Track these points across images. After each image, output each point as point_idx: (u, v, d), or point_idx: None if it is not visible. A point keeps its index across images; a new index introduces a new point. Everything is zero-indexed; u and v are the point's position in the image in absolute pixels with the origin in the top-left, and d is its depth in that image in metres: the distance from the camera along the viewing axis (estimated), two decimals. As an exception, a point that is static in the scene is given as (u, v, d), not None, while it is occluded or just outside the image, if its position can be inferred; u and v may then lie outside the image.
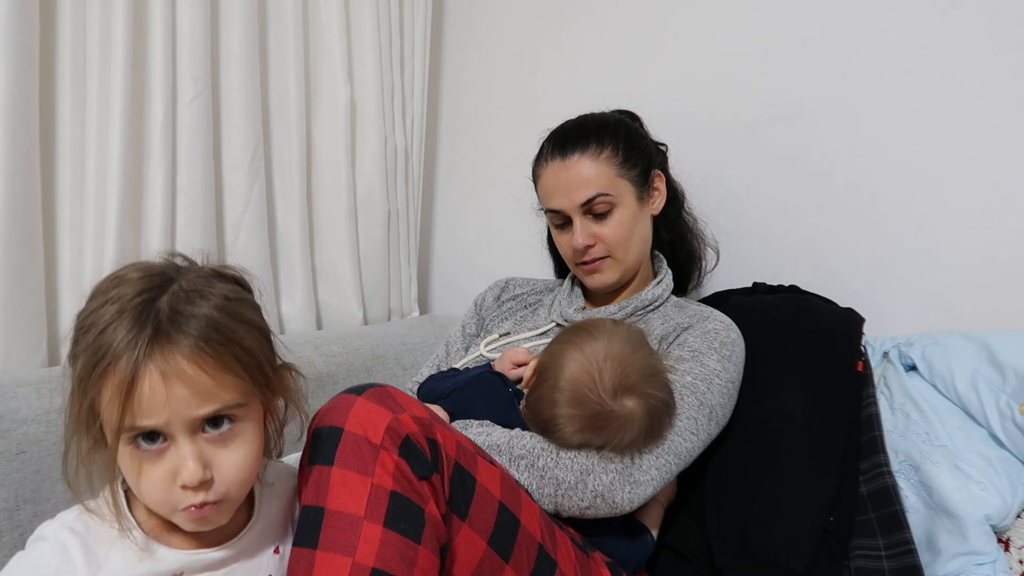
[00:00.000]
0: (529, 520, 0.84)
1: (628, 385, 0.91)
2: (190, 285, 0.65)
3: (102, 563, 0.65)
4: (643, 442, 0.93)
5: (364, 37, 1.66)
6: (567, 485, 0.89)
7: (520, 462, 0.90)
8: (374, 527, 0.69)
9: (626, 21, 1.61)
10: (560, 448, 0.91)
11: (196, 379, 0.61)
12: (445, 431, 0.78)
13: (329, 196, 1.64)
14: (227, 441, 0.65)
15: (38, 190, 1.16)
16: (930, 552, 1.04)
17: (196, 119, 1.34)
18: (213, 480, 0.64)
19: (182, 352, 0.61)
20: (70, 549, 0.65)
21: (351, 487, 0.70)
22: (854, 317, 1.20)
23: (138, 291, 0.63)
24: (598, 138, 1.14)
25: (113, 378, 0.60)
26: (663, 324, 1.14)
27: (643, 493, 0.92)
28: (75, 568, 0.64)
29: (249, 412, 0.66)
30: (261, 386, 0.66)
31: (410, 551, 0.69)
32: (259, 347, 0.66)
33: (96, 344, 0.61)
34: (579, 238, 1.13)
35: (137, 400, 0.60)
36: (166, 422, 0.61)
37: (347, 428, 0.72)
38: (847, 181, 1.35)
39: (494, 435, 0.93)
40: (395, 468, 0.71)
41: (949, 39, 1.25)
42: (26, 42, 1.11)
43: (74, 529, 0.66)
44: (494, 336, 1.24)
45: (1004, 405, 1.06)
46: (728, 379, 1.05)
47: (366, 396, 0.75)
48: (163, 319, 0.62)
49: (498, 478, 0.83)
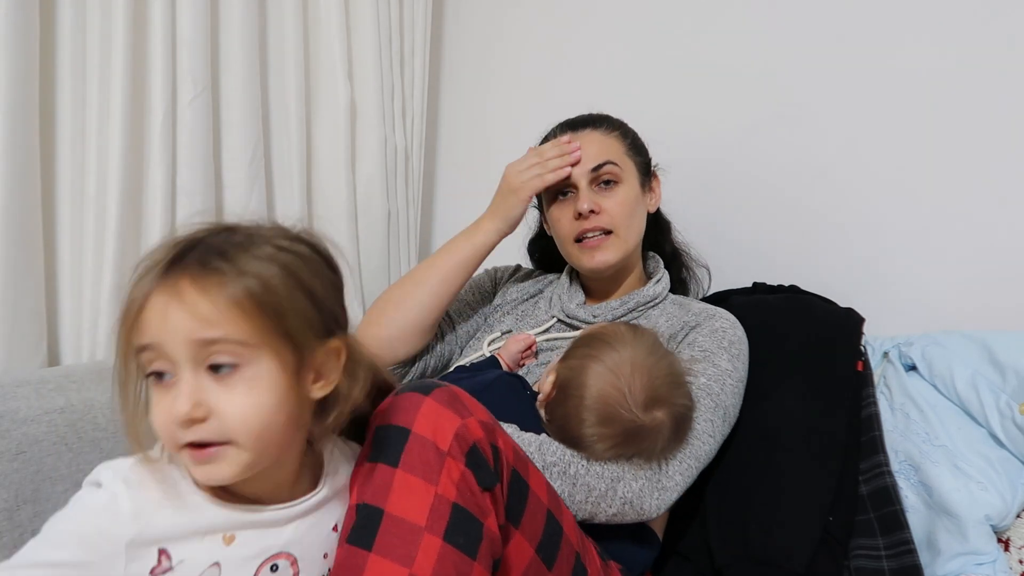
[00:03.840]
0: (569, 527, 0.83)
1: (658, 397, 0.90)
2: (244, 232, 0.65)
3: (152, 515, 0.63)
4: (670, 449, 0.93)
5: (364, 37, 1.65)
6: (598, 492, 0.89)
7: (552, 469, 0.89)
8: (434, 540, 0.67)
9: (626, 21, 1.62)
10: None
11: (196, 303, 0.60)
12: (504, 436, 0.77)
13: (329, 196, 1.64)
14: (232, 384, 0.62)
15: (38, 190, 1.16)
16: (930, 552, 1.04)
17: (196, 119, 1.34)
18: (207, 420, 0.61)
19: (189, 273, 0.60)
20: (119, 500, 0.63)
21: (415, 494, 0.68)
22: (854, 317, 1.20)
23: (188, 236, 0.64)
24: (607, 122, 1.20)
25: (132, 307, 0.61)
26: (668, 322, 1.14)
27: (669, 499, 0.93)
28: (123, 519, 0.62)
29: (261, 359, 0.63)
30: (285, 339, 0.63)
31: (466, 567, 0.68)
32: (293, 301, 0.63)
33: (133, 279, 0.62)
34: (584, 203, 1.12)
35: (141, 321, 0.61)
36: (160, 342, 0.61)
37: (415, 431, 0.70)
38: (847, 181, 1.35)
39: (524, 440, 0.92)
40: (460, 478, 0.69)
41: (948, 39, 1.25)
42: (26, 42, 1.11)
43: (127, 479, 0.64)
44: (496, 335, 1.24)
45: (1004, 405, 1.06)
46: (739, 378, 1.06)
47: (434, 397, 0.72)
48: (189, 249, 0.62)
49: (545, 484, 0.82)
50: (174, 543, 0.64)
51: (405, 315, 1.18)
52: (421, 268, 1.22)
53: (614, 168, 1.14)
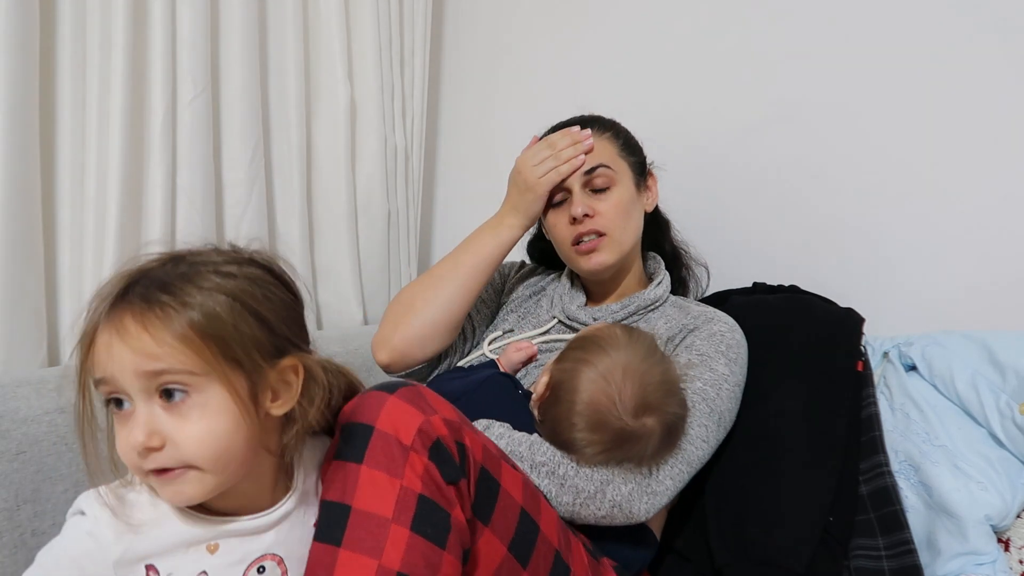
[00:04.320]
0: (548, 526, 0.83)
1: (649, 404, 0.90)
2: (189, 261, 0.66)
3: (134, 535, 0.66)
4: (661, 454, 0.93)
5: (364, 37, 1.66)
6: (586, 494, 0.90)
7: (541, 469, 0.90)
8: (401, 530, 0.68)
9: (625, 21, 1.62)
10: None
11: (138, 339, 0.62)
12: (473, 434, 0.77)
13: (329, 196, 1.64)
14: (184, 411, 0.64)
15: (38, 190, 1.16)
16: (930, 552, 1.04)
17: (196, 119, 1.34)
18: (164, 448, 0.63)
19: (132, 310, 0.63)
20: (101, 525, 0.66)
21: (380, 488, 0.70)
22: (854, 317, 1.20)
23: (134, 269, 0.66)
24: (599, 124, 1.19)
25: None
26: (667, 325, 1.14)
27: (659, 503, 0.93)
28: (107, 543, 0.66)
29: (211, 385, 0.64)
30: (233, 364, 0.65)
31: (435, 556, 0.69)
32: (239, 327, 0.65)
33: (86, 313, 0.65)
34: (578, 207, 1.12)
35: (92, 354, 0.64)
36: (111, 376, 0.63)
37: (378, 427, 0.71)
38: (847, 181, 1.35)
39: (515, 439, 0.93)
40: (424, 471, 0.70)
41: (947, 39, 1.25)
42: (26, 42, 1.11)
43: (107, 503, 0.67)
44: (497, 333, 1.24)
45: (1004, 405, 1.06)
46: (736, 383, 1.05)
47: (398, 395, 0.74)
48: (134, 283, 0.64)
49: (520, 483, 0.82)
50: (160, 558, 0.67)
51: (435, 312, 1.17)
52: (445, 265, 1.20)
53: (607, 171, 1.14)
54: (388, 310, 1.22)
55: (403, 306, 1.19)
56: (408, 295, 1.21)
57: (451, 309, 1.17)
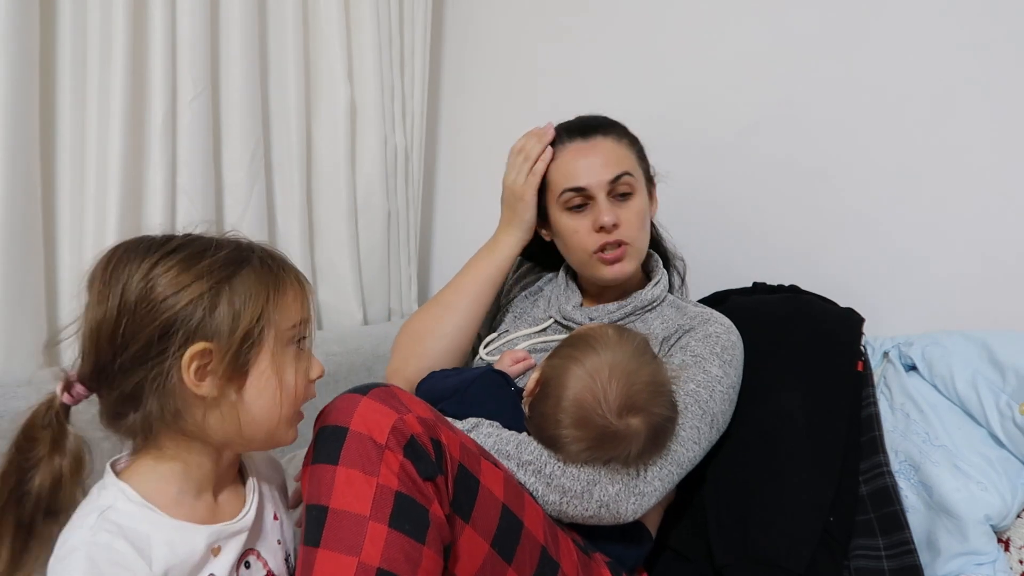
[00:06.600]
0: (532, 522, 0.84)
1: (633, 405, 0.90)
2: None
3: (151, 549, 0.67)
4: (648, 455, 0.93)
5: (364, 37, 1.66)
6: (573, 494, 0.90)
7: (528, 467, 0.90)
8: (379, 527, 0.69)
9: (625, 21, 1.62)
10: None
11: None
12: (449, 432, 0.78)
13: (329, 196, 1.64)
14: None
15: (38, 189, 1.16)
16: (930, 552, 1.04)
17: (196, 119, 1.34)
18: None
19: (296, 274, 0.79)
20: (115, 544, 0.65)
21: (356, 487, 0.70)
22: (854, 317, 1.20)
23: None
24: (616, 129, 1.17)
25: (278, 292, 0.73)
26: (663, 325, 1.13)
27: (647, 504, 0.93)
28: (130, 560, 0.65)
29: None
30: None
31: (415, 551, 0.70)
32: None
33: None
34: (607, 216, 1.09)
35: (281, 307, 0.73)
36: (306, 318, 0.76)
37: (352, 428, 0.72)
38: (847, 181, 1.36)
39: (503, 438, 0.93)
40: (400, 468, 0.71)
41: (946, 40, 1.25)
42: (26, 42, 1.11)
43: (108, 529, 0.66)
44: (493, 335, 1.24)
45: (1004, 405, 1.06)
46: (729, 384, 1.05)
47: (371, 396, 0.75)
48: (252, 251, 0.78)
49: (501, 480, 0.83)
50: (175, 571, 0.69)
51: (445, 343, 1.18)
52: (448, 292, 1.21)
53: (630, 179, 1.12)
54: (397, 341, 1.23)
55: (412, 340, 1.20)
56: (413, 329, 1.22)
57: (459, 337, 1.19)
